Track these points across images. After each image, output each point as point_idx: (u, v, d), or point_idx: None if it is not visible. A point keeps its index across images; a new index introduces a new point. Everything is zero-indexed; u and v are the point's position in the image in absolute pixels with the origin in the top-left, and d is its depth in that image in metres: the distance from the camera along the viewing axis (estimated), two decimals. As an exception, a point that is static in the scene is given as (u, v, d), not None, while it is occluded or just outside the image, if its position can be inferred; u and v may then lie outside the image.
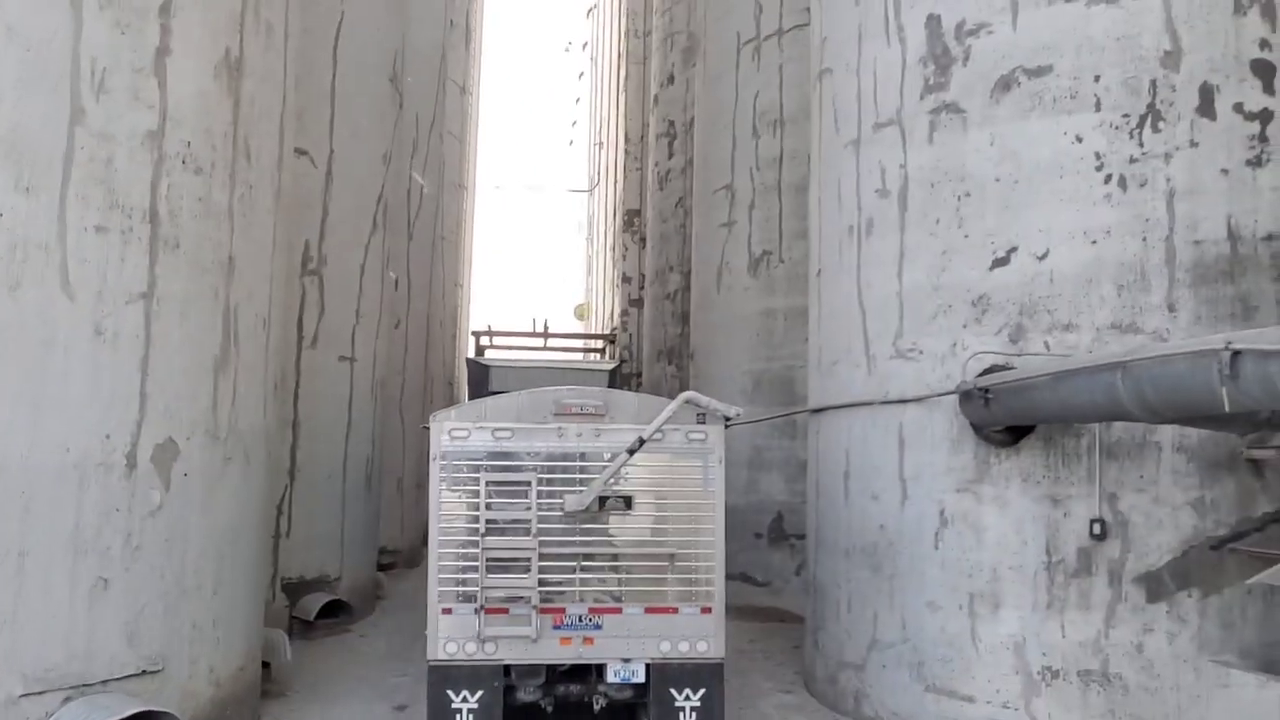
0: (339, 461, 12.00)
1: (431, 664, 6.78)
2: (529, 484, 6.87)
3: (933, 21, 7.96)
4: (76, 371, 6.00)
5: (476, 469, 6.90)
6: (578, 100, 52.02)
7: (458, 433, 6.95)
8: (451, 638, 6.78)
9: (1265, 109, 7.09)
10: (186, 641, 6.66)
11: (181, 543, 6.61)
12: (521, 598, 6.79)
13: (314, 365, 11.61)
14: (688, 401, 7.04)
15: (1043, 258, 7.35)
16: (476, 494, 6.87)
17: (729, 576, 7.42)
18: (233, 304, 7.11)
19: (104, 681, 6.07)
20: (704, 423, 7.09)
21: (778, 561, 14.65)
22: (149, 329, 6.38)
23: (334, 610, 11.43)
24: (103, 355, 6.13)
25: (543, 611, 6.81)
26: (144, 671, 6.33)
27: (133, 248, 6.31)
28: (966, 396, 7.48)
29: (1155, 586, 6.96)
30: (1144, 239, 7.11)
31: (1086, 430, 7.14)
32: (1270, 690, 6.36)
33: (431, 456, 6.96)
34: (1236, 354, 4.81)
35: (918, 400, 7.88)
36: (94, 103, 6.12)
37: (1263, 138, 7.07)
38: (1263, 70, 7.11)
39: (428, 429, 7.06)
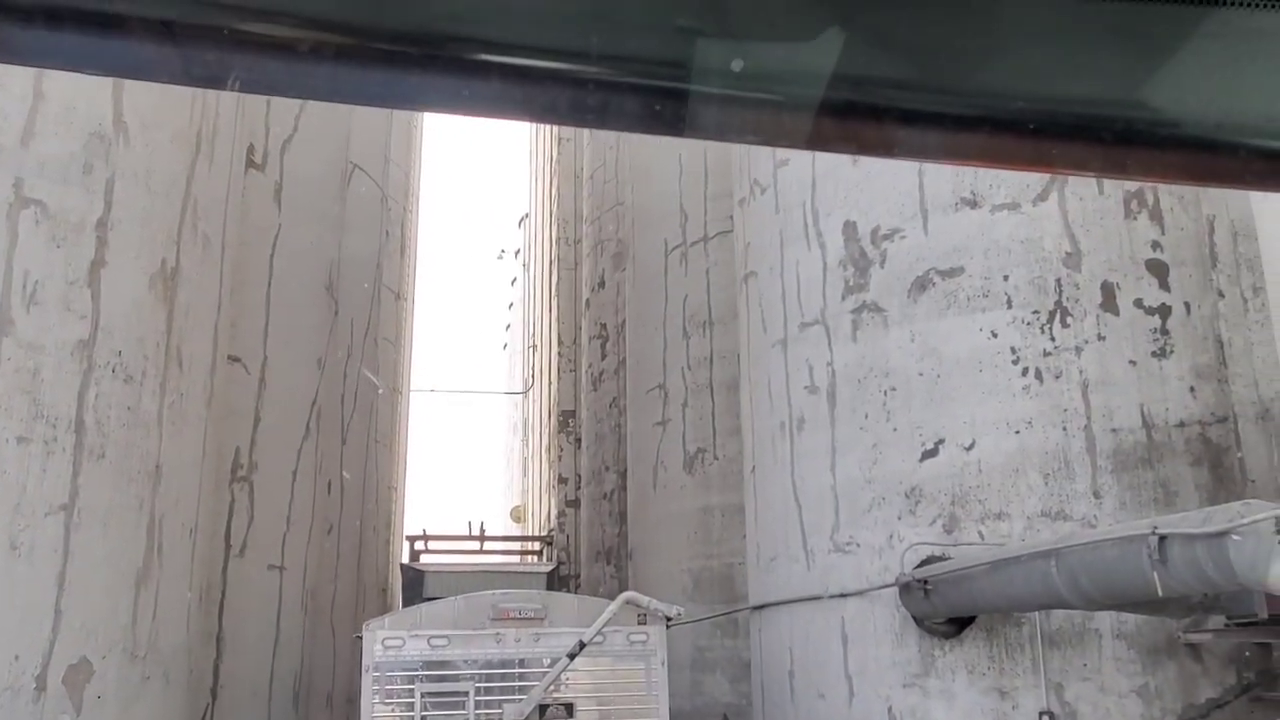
0: (266, 677, 11.43)
1: None
2: (466, 694, 6.62)
3: (849, 227, 8.40)
4: (-11, 589, 5.74)
5: (411, 680, 6.64)
6: (510, 305, 53.14)
7: (391, 642, 6.72)
8: None
9: (1164, 304, 7.51)
10: None
11: (91, 773, 6.17)
12: (459, 818, 6.42)
13: (241, 575, 11.22)
14: (628, 602, 6.93)
15: (970, 448, 7.52)
16: (411, 706, 6.58)
17: (675, 787, 7.12)
18: (158, 514, 6.93)
19: None
20: (645, 624, 6.95)
21: (725, 769, 14.06)
22: (68, 541, 6.17)
23: (253, 843, 10.62)
24: (17, 571, 5.89)
25: (481, 833, 6.43)
26: None
27: (56, 458, 6.18)
28: (906, 588, 7.46)
29: (1109, 781, 6.81)
30: (1064, 428, 7.34)
31: (1027, 619, 7.13)
32: None
33: (364, 668, 6.70)
34: (1163, 539, 4.92)
35: (858, 594, 7.84)
36: (24, 314, 6.12)
37: (1164, 330, 7.46)
38: (1157, 269, 7.58)
39: (360, 638, 6.82)
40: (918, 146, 1.22)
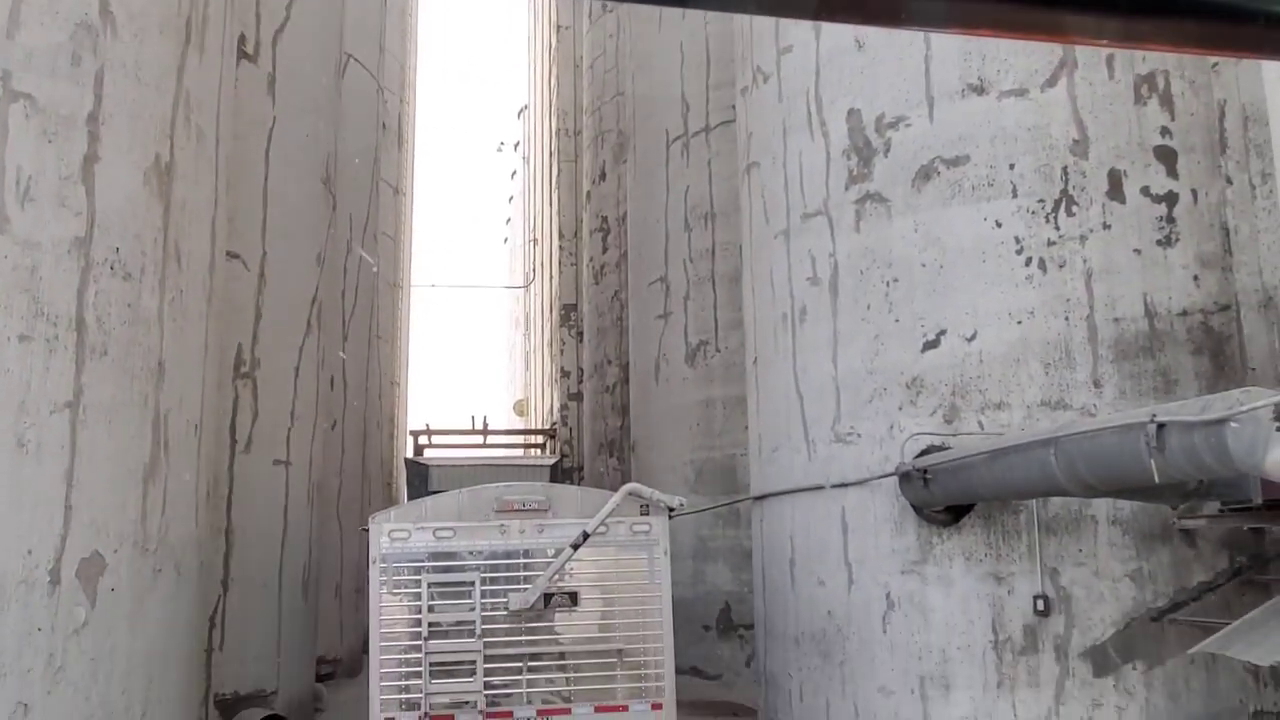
0: (275, 569, 11.67)
1: (374, 777, 6.55)
2: (472, 584, 6.75)
3: (854, 115, 8.24)
4: (-3, 485, 5.80)
5: (418, 570, 6.77)
6: (511, 198, 52.68)
7: (398, 534, 6.83)
8: (395, 748, 6.56)
9: (1170, 191, 7.42)
10: (113, 767, 6.35)
11: (108, 662, 6.33)
12: (467, 702, 6.60)
13: (248, 470, 11.35)
14: (631, 493, 7.02)
15: (971, 339, 7.52)
16: (418, 596, 6.73)
17: (679, 670, 7.32)
18: (163, 411, 6.97)
19: (24, 814, 5.75)
20: (648, 514, 7.05)
21: (728, 653, 14.47)
22: (74, 439, 6.21)
23: (271, 726, 10.98)
24: (25, 468, 5.95)
25: (490, 715, 6.63)
26: (67, 801, 6.00)
27: (58, 356, 6.18)
28: (906, 478, 7.54)
29: (1101, 660, 7.00)
30: (1066, 318, 7.32)
31: (1024, 507, 7.23)
32: (1220, 761, 6.38)
33: (371, 559, 6.82)
34: (1162, 426, 4.95)
35: (858, 484, 7.93)
36: (19, 210, 6.05)
37: (1170, 219, 7.38)
38: (1165, 155, 7.46)
39: (366, 531, 6.93)
40: (926, 14, 1.16)
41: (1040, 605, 7.09)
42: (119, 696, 6.41)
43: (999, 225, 7.53)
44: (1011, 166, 7.55)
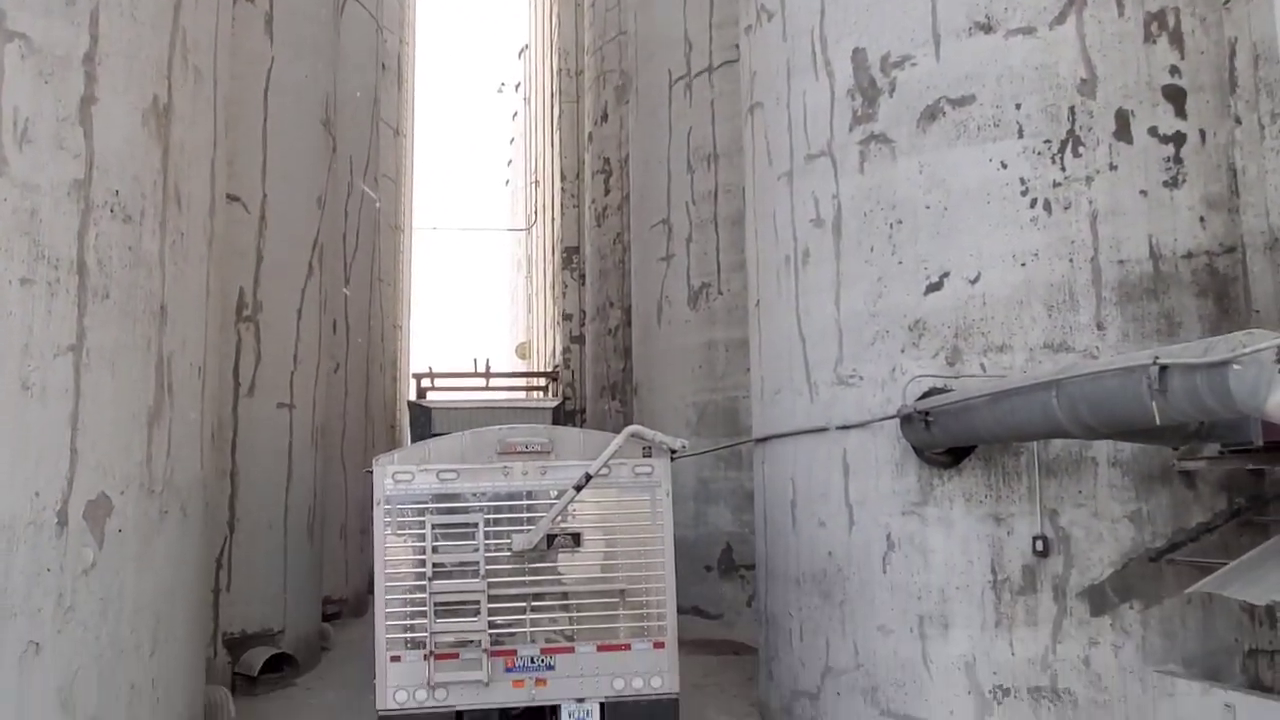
0: (280, 511, 11.78)
1: (381, 714, 6.66)
2: (476, 525, 6.81)
3: (859, 55, 8.13)
4: (3, 428, 5.83)
5: (422, 512, 6.83)
6: (512, 140, 52.21)
7: (401, 476, 6.87)
8: (401, 686, 6.66)
9: (1178, 132, 7.34)
10: (124, 704, 6.45)
11: (117, 601, 6.42)
12: (472, 641, 6.70)
13: (252, 414, 11.41)
14: (633, 435, 7.04)
15: (974, 281, 7.49)
16: (422, 537, 6.79)
17: (681, 610, 7.40)
18: (166, 354, 6.98)
19: (38, 749, 5.86)
20: (650, 456, 7.09)
21: (729, 593, 14.64)
22: (79, 382, 6.23)
23: (278, 664, 11.16)
24: (30, 411, 5.97)
25: (494, 654, 6.72)
26: (81, 737, 6.12)
27: (60, 299, 6.17)
28: (907, 420, 7.57)
29: (1099, 600, 7.07)
30: (1070, 260, 7.29)
31: (1025, 449, 7.26)
32: (1213, 697, 6.47)
33: (375, 501, 6.87)
34: (1164, 369, 4.94)
35: (860, 426, 7.96)
36: (17, 153, 6.00)
37: (1177, 159, 7.31)
38: (1174, 95, 7.37)
39: (370, 474, 6.97)
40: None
41: (1039, 546, 7.15)
42: (128, 635, 6.51)
43: (1004, 166, 7.47)
44: (1018, 106, 7.46)
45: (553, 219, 32.27)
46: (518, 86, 46.43)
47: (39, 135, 6.13)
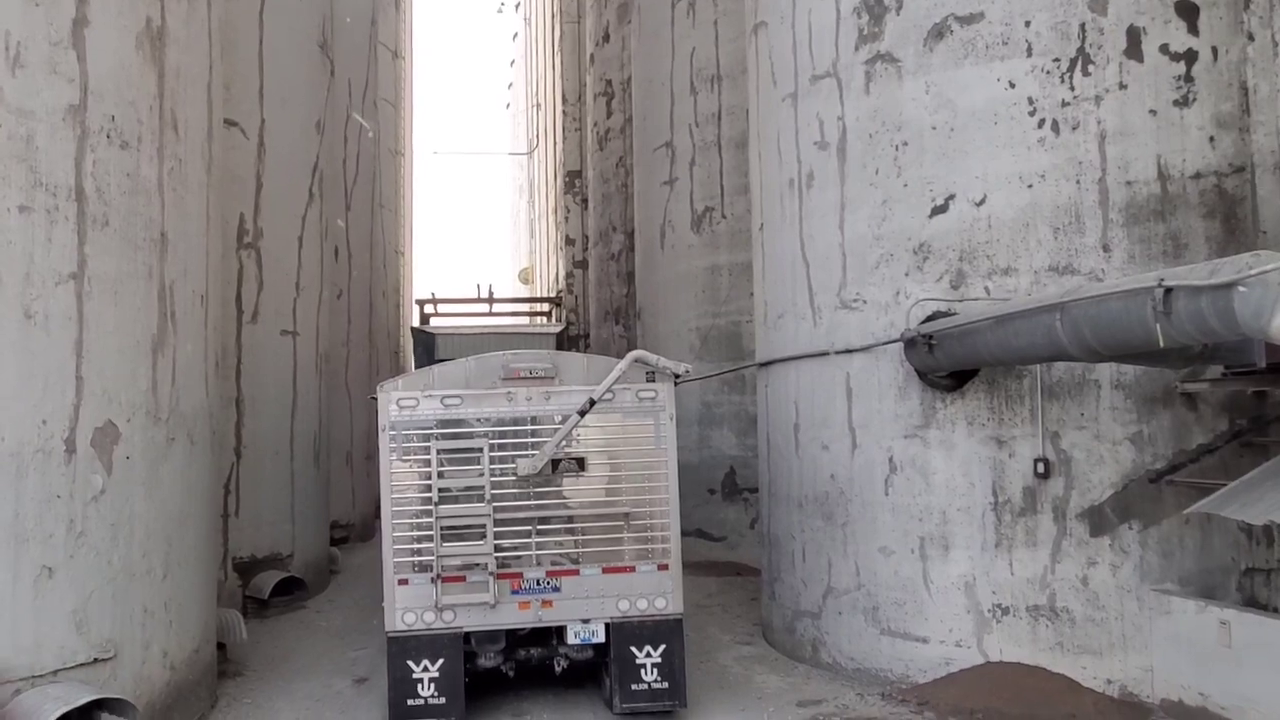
0: (286, 437, 11.86)
1: (390, 635, 6.77)
2: (480, 450, 6.85)
3: (865, -30, 7.95)
4: (7, 356, 5.84)
5: (427, 438, 6.86)
6: (512, 62, 51.35)
7: (406, 402, 6.90)
8: (409, 608, 6.76)
9: (1190, 49, 7.20)
10: (138, 626, 6.57)
11: (127, 526, 6.49)
12: (478, 564, 6.78)
13: (255, 341, 11.42)
14: (637, 360, 7.04)
15: (980, 204, 7.42)
16: (428, 463, 6.83)
17: (685, 533, 7.49)
18: (168, 281, 6.95)
19: (55, 671, 5.97)
20: (654, 381, 7.10)
21: (732, 516, 14.80)
22: (81, 310, 6.22)
23: (288, 587, 11.35)
24: (34, 339, 5.97)
25: (500, 577, 6.82)
26: (95, 659, 6.23)
27: (60, 227, 6.13)
28: (911, 344, 7.56)
29: (1098, 521, 7.14)
30: (1077, 182, 7.21)
31: (1028, 372, 7.27)
32: (1208, 614, 6.57)
33: (380, 427, 6.90)
34: (1169, 291, 4.92)
35: (864, 349, 7.96)
36: (10, 77, 5.91)
37: (1189, 78, 7.19)
38: (1187, 11, 7.21)
39: (375, 400, 7.00)
40: None
41: (1040, 468, 7.20)
42: (140, 560, 6.60)
43: (1012, 86, 7.35)
44: (1027, 24, 7.32)
45: (555, 142, 31.91)
46: (518, 7, 45.55)
47: (31, 60, 6.03)
